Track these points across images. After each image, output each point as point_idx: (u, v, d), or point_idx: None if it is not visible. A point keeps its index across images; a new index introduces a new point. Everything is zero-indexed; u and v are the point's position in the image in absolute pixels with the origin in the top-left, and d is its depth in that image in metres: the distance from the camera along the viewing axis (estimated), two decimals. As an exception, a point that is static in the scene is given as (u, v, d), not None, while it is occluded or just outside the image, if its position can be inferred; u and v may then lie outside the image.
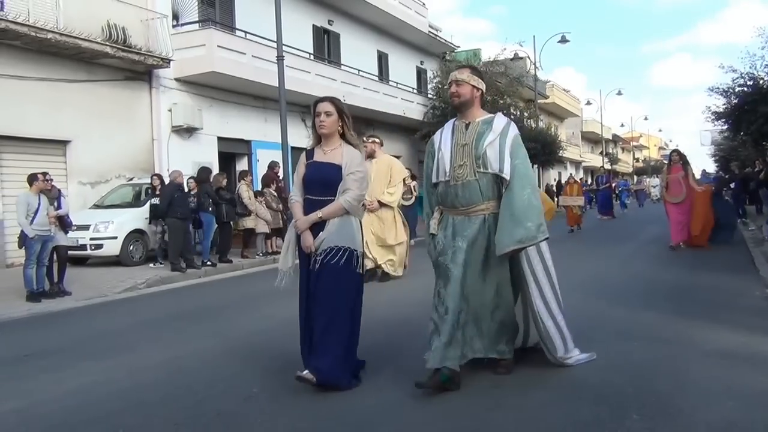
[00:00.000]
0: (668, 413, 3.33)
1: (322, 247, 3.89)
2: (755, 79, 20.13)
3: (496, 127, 3.94)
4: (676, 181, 11.43)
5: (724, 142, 40.20)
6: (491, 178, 3.88)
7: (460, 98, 4.00)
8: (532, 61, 32.71)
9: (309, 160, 4.14)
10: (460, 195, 3.92)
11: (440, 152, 4.05)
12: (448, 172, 3.95)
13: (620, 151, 77.14)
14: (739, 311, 5.92)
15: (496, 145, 3.85)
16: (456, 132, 4.05)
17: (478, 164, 3.86)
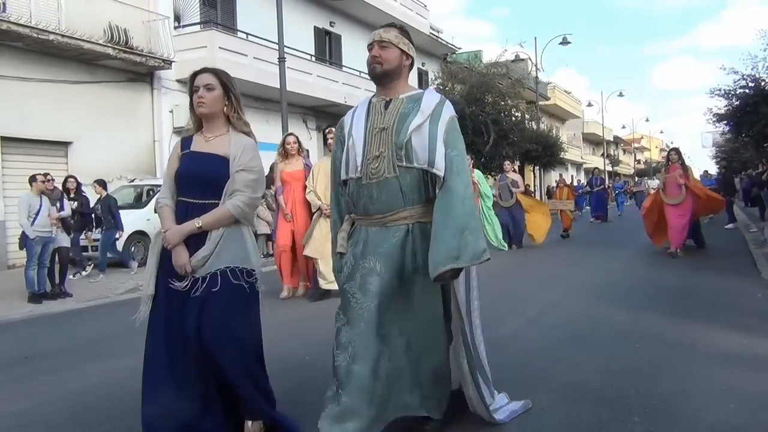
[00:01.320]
0: (670, 416, 3.32)
1: (206, 269, 2.92)
2: (757, 81, 20.15)
3: (425, 107, 2.89)
4: (674, 181, 10.59)
5: (725, 144, 40.27)
6: (417, 175, 2.83)
7: (383, 66, 2.96)
8: (534, 63, 32.72)
9: (184, 150, 3.16)
10: (375, 197, 2.85)
11: (351, 139, 2.96)
12: (360, 166, 2.87)
13: (621, 152, 77.15)
14: (740, 313, 5.91)
15: (425, 131, 2.82)
16: (372, 112, 2.99)
17: (399, 156, 2.81)
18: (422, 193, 2.88)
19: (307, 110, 20.28)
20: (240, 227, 3.05)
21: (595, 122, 58.18)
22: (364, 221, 2.94)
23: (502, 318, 6.05)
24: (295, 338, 5.58)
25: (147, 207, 12.32)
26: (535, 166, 35.79)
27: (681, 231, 10.51)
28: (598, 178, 23.81)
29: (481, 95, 24.79)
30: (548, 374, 4.14)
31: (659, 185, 11.27)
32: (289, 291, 8.02)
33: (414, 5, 25.75)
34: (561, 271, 9.60)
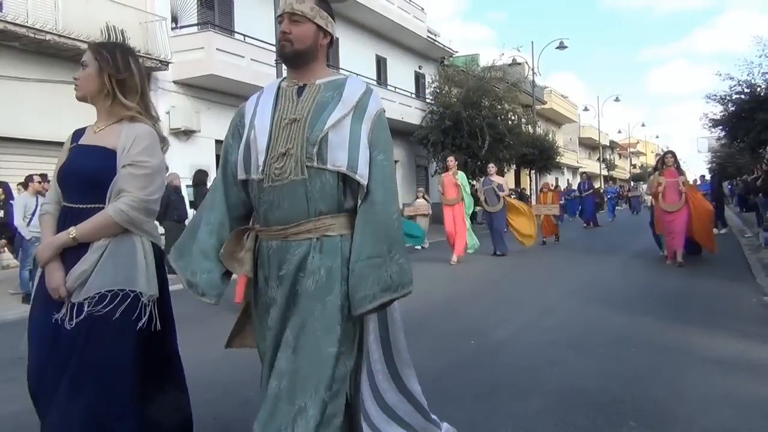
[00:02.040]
0: (665, 421, 3.33)
1: (84, 293, 2.32)
2: (752, 87, 20.25)
3: (348, 97, 2.29)
4: (674, 187, 9.99)
5: (721, 149, 40.38)
6: (330, 181, 2.22)
7: (293, 44, 2.31)
8: (530, 67, 32.80)
9: (73, 143, 2.63)
10: (277, 204, 2.24)
11: (252, 131, 2.32)
12: (262, 165, 2.26)
13: (617, 157, 77.31)
14: (736, 318, 5.92)
15: (346, 127, 2.24)
16: (281, 98, 2.35)
17: (310, 154, 2.20)
18: (333, 203, 2.23)
19: (303, 112, 20.25)
20: (131, 238, 2.42)
21: (591, 127, 58.30)
22: (266, 234, 2.31)
23: (498, 322, 6.06)
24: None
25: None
26: (531, 170, 35.86)
27: (680, 236, 9.89)
28: (586, 183, 23.38)
29: (477, 99, 24.85)
30: (544, 378, 4.14)
31: (650, 189, 10.74)
32: None
33: (411, 8, 25.79)
34: (556, 276, 9.61)
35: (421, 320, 6.28)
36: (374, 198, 2.21)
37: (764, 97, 19.58)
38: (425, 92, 27.61)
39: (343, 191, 2.26)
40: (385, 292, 2.17)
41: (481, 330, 5.66)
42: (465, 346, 5.10)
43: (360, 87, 2.35)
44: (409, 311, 7.05)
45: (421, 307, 7.13)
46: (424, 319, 6.35)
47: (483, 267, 11.04)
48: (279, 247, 2.26)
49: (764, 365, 4.30)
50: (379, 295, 2.16)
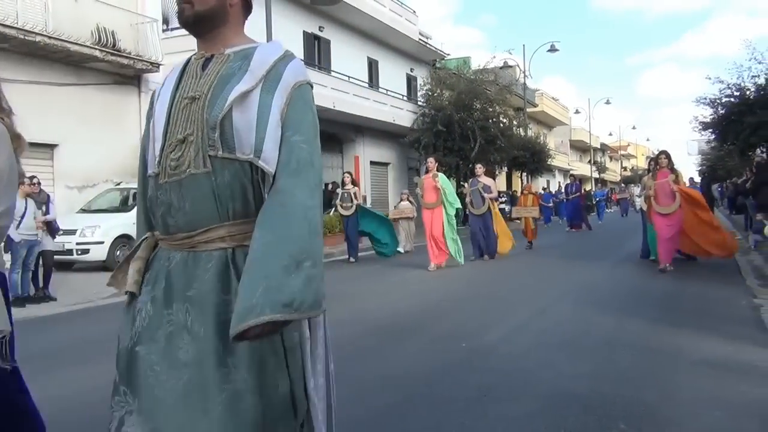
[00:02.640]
0: (655, 423, 3.33)
1: None
2: (742, 90, 20.37)
3: (257, 65, 1.79)
4: (666, 188, 9.50)
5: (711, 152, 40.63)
6: (241, 172, 1.74)
7: (193, 6, 1.86)
8: (522, 70, 32.90)
9: None
10: (177, 206, 1.77)
11: (153, 115, 1.91)
12: (158, 156, 1.81)
13: (608, 159, 77.63)
14: (725, 320, 5.94)
15: (253, 102, 1.74)
16: (186, 75, 1.90)
17: (212, 140, 1.73)
18: (250, 201, 1.75)
19: (295, 115, 20.22)
20: None
21: (582, 129, 58.55)
22: (167, 244, 1.81)
23: (489, 325, 6.06)
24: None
25: (133, 211, 12.24)
26: (523, 173, 35.95)
27: (670, 244, 9.55)
28: (573, 185, 22.87)
29: (469, 101, 24.91)
30: (535, 381, 4.14)
31: (643, 192, 10.20)
32: None
33: (403, 11, 25.81)
34: (546, 279, 9.63)
35: (412, 323, 6.28)
36: (280, 186, 1.67)
37: (754, 100, 19.71)
38: (417, 95, 27.64)
39: (262, 187, 1.74)
40: (281, 308, 1.53)
41: (472, 333, 5.66)
42: (456, 349, 5.09)
43: (274, 51, 1.83)
44: (399, 315, 7.09)
45: (412, 310, 7.12)
46: (415, 322, 6.35)
47: (472, 270, 11.04)
48: (184, 260, 1.75)
49: (754, 367, 4.31)
50: (269, 308, 1.51)
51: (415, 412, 3.60)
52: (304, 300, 1.58)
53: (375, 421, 3.50)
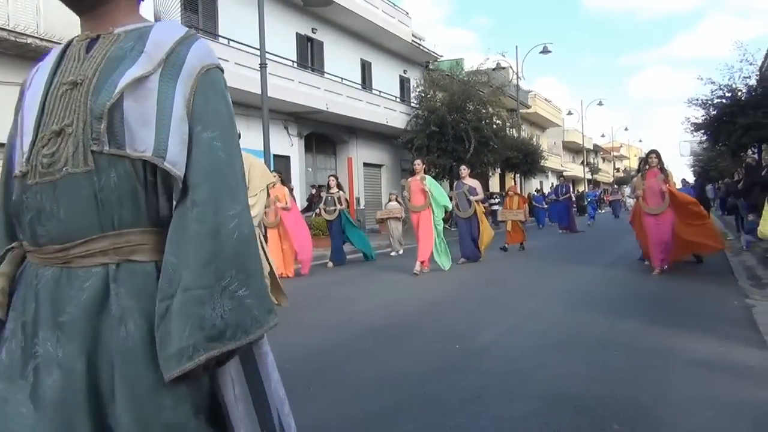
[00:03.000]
0: (649, 423, 3.34)
1: None
2: (733, 91, 20.48)
3: (154, 46, 1.47)
4: (655, 188, 9.22)
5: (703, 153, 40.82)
6: (131, 172, 1.41)
7: None
8: (515, 71, 32.98)
9: None
10: (49, 212, 1.42)
11: (22, 106, 1.58)
12: (27, 152, 1.47)
13: (601, 161, 77.91)
14: (718, 321, 5.96)
15: (151, 90, 1.43)
16: (67, 57, 1.58)
17: (97, 134, 1.39)
18: (142, 210, 1.42)
19: (288, 116, 20.24)
20: None
21: (575, 131, 58.76)
22: (36, 257, 1.45)
23: (482, 325, 6.07)
24: (274, 345, 5.52)
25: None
26: (516, 174, 36.03)
27: (663, 248, 9.25)
28: (564, 186, 22.60)
29: (462, 103, 24.96)
30: (528, 382, 4.14)
31: (634, 192, 9.88)
32: None
33: (396, 13, 25.84)
34: (538, 281, 9.64)
35: (405, 325, 6.28)
36: (195, 197, 1.38)
37: (745, 101, 19.82)
38: (410, 96, 27.66)
39: (158, 191, 1.43)
40: (214, 342, 1.32)
41: (465, 334, 5.66)
42: (450, 351, 5.09)
43: (173, 31, 1.52)
44: (392, 316, 7.09)
45: (405, 312, 7.13)
46: (409, 324, 6.35)
47: (464, 272, 11.06)
48: (56, 278, 1.40)
49: (747, 367, 4.33)
50: (202, 346, 1.30)
51: (409, 414, 3.59)
52: (238, 326, 1.35)
53: (369, 423, 3.49)
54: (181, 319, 1.31)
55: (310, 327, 6.35)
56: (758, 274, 9.23)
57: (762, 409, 3.53)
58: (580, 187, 58.46)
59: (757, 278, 8.84)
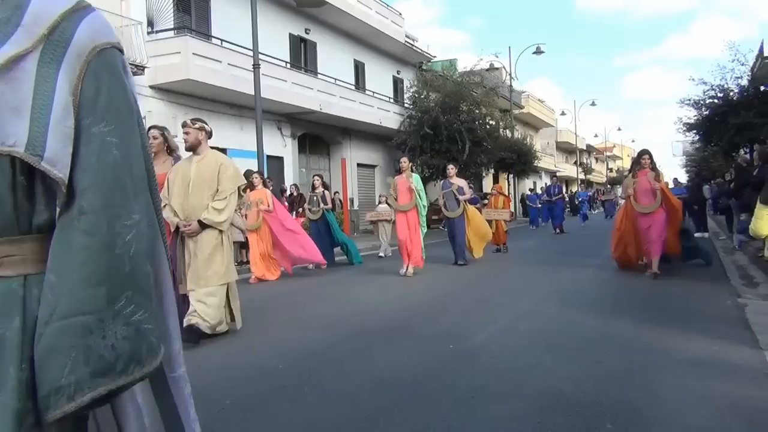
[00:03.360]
0: (642, 422, 3.34)
1: None
2: (725, 92, 20.61)
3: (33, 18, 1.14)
4: (646, 187, 9.01)
5: (695, 153, 40.99)
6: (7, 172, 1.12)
7: None
8: (508, 72, 33.04)
9: None
10: None
11: None
12: None
13: (594, 161, 78.12)
14: (711, 320, 5.98)
15: (27, 74, 1.12)
16: None
17: None
18: (9, 216, 1.15)
19: (281, 117, 20.22)
20: None
21: (568, 131, 58.90)
22: None
23: (475, 326, 6.07)
24: (269, 345, 5.55)
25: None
26: (510, 174, 36.10)
27: (658, 243, 9.02)
28: (556, 187, 22.57)
29: (455, 103, 24.98)
30: (521, 382, 4.15)
31: (626, 191, 9.53)
32: None
33: (389, 13, 25.85)
34: (532, 281, 9.65)
35: (399, 326, 6.28)
36: (84, 204, 1.15)
37: (737, 101, 19.95)
38: (404, 97, 27.68)
39: (29, 193, 1.18)
40: (102, 378, 1.10)
41: (459, 334, 5.66)
42: (444, 351, 5.09)
43: (60, 1, 1.20)
44: (387, 316, 7.08)
45: (398, 313, 7.12)
46: (402, 324, 6.35)
47: (456, 273, 11.06)
48: None
49: (739, 366, 4.35)
50: (87, 383, 1.09)
51: (403, 414, 3.59)
52: (132, 357, 1.13)
53: (363, 423, 3.49)
54: (61, 351, 1.08)
55: (303, 328, 6.35)
56: (750, 273, 9.27)
57: (754, 407, 3.54)
58: (573, 187, 58.62)
59: (749, 277, 8.88)
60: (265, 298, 8.75)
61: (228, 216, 5.75)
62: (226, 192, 5.75)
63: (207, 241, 5.67)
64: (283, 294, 9.16)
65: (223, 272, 5.73)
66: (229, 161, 6.10)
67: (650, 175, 9.03)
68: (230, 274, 5.87)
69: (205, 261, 5.66)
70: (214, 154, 6.04)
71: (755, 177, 11.12)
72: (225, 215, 5.70)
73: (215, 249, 5.70)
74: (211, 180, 5.75)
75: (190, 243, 5.68)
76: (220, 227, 5.70)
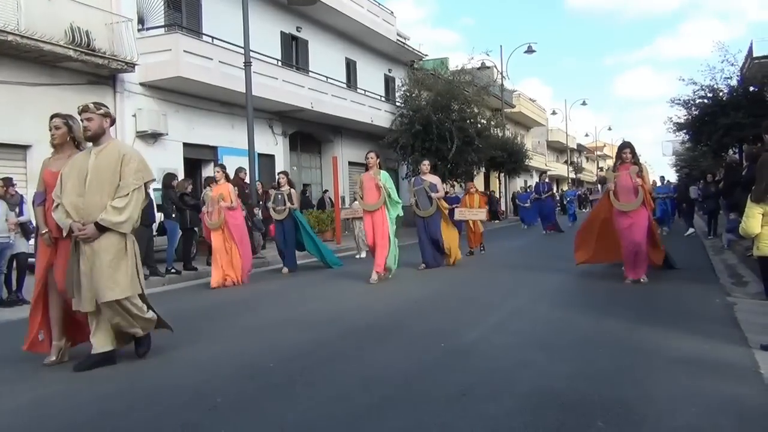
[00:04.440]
0: (633, 420, 3.36)
1: None
2: (715, 91, 20.71)
3: None
4: (627, 183, 8.28)
5: (685, 153, 41.20)
6: None
7: None
8: (499, 71, 33.08)
9: None
10: None
11: None
12: None
13: (585, 160, 78.38)
14: (700, 319, 6.02)
15: None
16: None
17: None
18: None
19: (273, 115, 20.16)
20: None
21: (559, 130, 59.06)
22: None
23: (466, 324, 6.08)
24: (260, 344, 5.53)
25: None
26: (501, 173, 36.17)
27: (637, 252, 8.30)
28: (545, 184, 22.07)
29: (447, 102, 24.98)
30: (513, 380, 4.15)
31: (608, 187, 8.76)
32: (59, 353, 5.17)
33: (381, 12, 25.82)
34: (522, 279, 9.65)
35: (390, 324, 6.28)
36: None
37: (726, 101, 20.06)
38: (395, 96, 27.66)
39: None
40: None
41: (450, 333, 5.67)
42: (435, 349, 5.10)
43: None
44: (378, 314, 7.08)
45: (388, 311, 7.13)
46: (393, 323, 6.35)
47: (446, 272, 11.06)
48: None
49: (729, 365, 4.37)
50: None
51: (394, 412, 3.59)
52: None
53: (355, 421, 3.48)
54: None
55: (294, 327, 6.34)
56: (739, 272, 9.33)
57: (744, 404, 3.56)
58: (564, 186, 58.79)
59: (738, 276, 8.94)
60: (255, 297, 8.74)
61: (130, 216, 4.85)
62: (127, 188, 4.87)
63: (107, 247, 4.77)
64: (273, 293, 9.15)
65: (127, 284, 4.84)
66: (135, 152, 5.18)
67: (632, 170, 8.31)
68: (135, 287, 4.94)
69: (105, 271, 4.74)
70: (116, 144, 5.16)
71: (744, 177, 11.19)
72: (126, 215, 4.81)
73: (117, 257, 4.81)
74: (111, 174, 4.87)
75: (87, 249, 4.77)
76: (120, 229, 4.81)
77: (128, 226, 4.87)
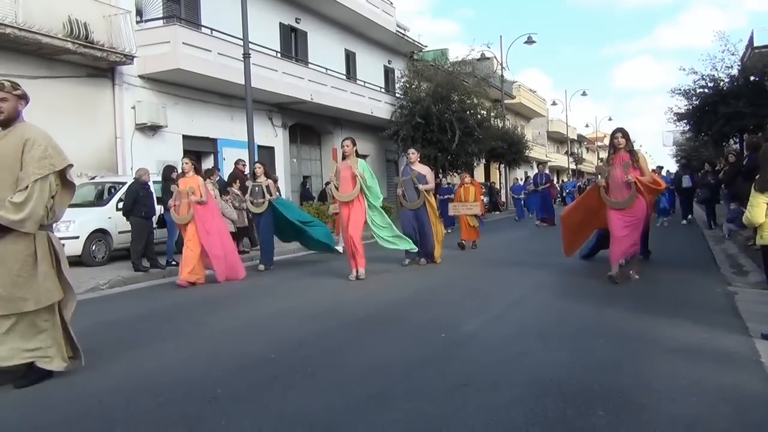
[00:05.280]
0: (633, 409, 3.36)
1: None
2: (715, 81, 20.65)
3: None
4: (620, 177, 7.53)
5: (686, 143, 41.14)
6: None
7: None
8: (499, 62, 33.01)
9: None
10: None
11: None
12: None
13: (585, 151, 78.29)
14: (700, 308, 6.01)
15: None
16: None
17: None
18: None
19: (272, 107, 20.12)
20: None
21: (559, 121, 59.00)
22: None
23: (467, 314, 6.08)
24: (260, 336, 5.54)
25: (108, 205, 12.14)
26: (501, 164, 36.14)
27: (624, 244, 7.66)
28: (543, 176, 21.10)
29: (447, 93, 24.92)
30: (513, 369, 4.16)
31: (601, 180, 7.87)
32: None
33: (380, 2, 25.72)
34: (521, 271, 9.62)
35: (389, 315, 6.28)
36: None
37: (727, 90, 20.01)
38: (395, 87, 27.59)
39: None
40: None
41: (449, 324, 5.67)
42: (435, 340, 5.10)
43: None
44: (378, 306, 7.08)
45: (388, 302, 7.13)
46: (392, 314, 6.35)
47: (444, 263, 11.04)
48: None
49: (729, 353, 4.37)
50: None
51: (395, 402, 3.59)
52: None
53: (355, 412, 3.48)
54: None
55: (293, 318, 6.34)
56: (740, 262, 9.33)
57: (743, 393, 3.56)
58: (564, 176, 58.75)
59: (739, 266, 8.94)
60: (255, 288, 8.74)
61: (31, 213, 4.04)
62: (27, 179, 4.07)
63: (13, 250, 4.06)
64: (272, 284, 9.15)
65: (43, 291, 4.15)
66: (43, 136, 4.31)
67: (626, 163, 7.52)
68: (53, 293, 4.23)
69: (11, 278, 4.04)
70: (23, 128, 4.32)
71: (745, 166, 11.18)
72: (26, 212, 4.01)
73: (26, 261, 4.09)
74: (12, 163, 4.11)
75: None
76: (22, 229, 4.03)
77: (31, 225, 4.07)
